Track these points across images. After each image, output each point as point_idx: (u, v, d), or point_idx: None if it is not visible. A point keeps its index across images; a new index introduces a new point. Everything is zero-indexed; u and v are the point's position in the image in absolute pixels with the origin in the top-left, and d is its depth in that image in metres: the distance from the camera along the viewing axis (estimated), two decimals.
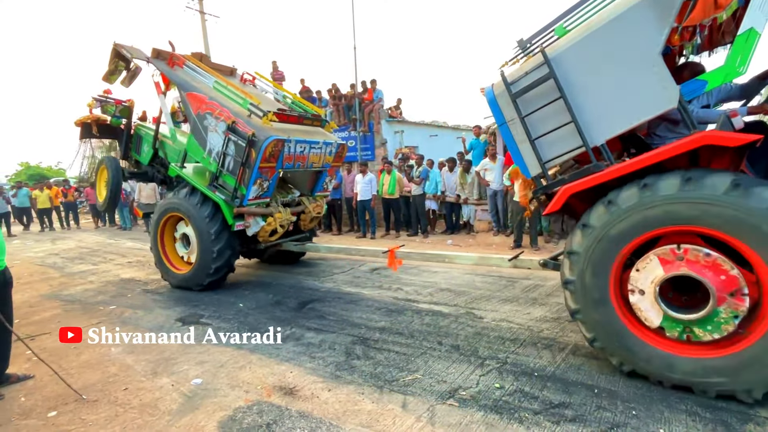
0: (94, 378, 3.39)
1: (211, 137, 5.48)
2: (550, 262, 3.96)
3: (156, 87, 6.11)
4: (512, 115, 3.21)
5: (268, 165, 5.26)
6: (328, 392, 3.01)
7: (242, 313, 4.85)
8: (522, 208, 7.40)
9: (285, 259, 7.43)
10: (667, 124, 3.14)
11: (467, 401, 2.80)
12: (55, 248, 10.92)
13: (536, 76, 3.04)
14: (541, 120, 3.10)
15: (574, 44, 2.93)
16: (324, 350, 3.73)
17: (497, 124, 3.36)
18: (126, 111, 7.14)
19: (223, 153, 5.34)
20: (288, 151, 5.51)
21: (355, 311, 4.74)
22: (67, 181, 21.75)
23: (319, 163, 6.27)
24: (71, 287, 6.49)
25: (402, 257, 5.20)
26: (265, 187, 5.52)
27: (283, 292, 5.68)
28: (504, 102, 3.24)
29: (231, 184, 5.35)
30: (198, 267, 5.67)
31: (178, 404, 2.94)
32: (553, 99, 2.99)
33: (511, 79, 3.17)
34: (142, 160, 7.09)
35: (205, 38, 17.05)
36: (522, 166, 3.34)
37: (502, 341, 3.73)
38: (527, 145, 3.19)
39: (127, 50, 6.00)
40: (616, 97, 2.86)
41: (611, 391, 2.83)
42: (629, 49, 2.74)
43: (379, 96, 12.56)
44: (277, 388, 3.09)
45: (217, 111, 5.39)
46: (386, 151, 12.35)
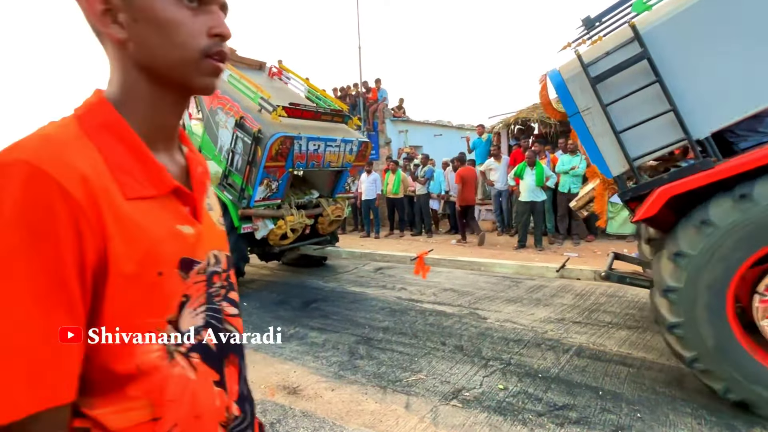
0: None
1: (221, 134, 5.30)
2: (614, 274, 3.45)
3: None
4: (589, 104, 2.73)
5: (275, 164, 5.00)
6: (331, 392, 3.01)
7: (246, 312, 4.86)
8: (527, 208, 7.42)
9: (306, 262, 6.99)
10: (750, 121, 2.65)
11: (471, 402, 2.80)
12: None
13: (622, 57, 2.55)
14: (625, 109, 2.63)
15: (675, 16, 2.45)
16: (328, 350, 3.74)
17: (568, 115, 2.89)
18: None
19: (231, 150, 5.13)
20: (299, 150, 5.14)
21: (359, 311, 4.74)
22: None
23: (337, 163, 5.81)
24: None
25: (432, 264, 4.78)
26: (274, 188, 5.22)
27: (287, 292, 5.69)
28: (577, 88, 2.74)
29: (238, 183, 5.11)
30: None
31: None
32: (646, 84, 2.52)
33: (589, 61, 2.66)
34: None
35: None
36: (600, 164, 2.85)
37: (506, 342, 3.72)
38: (608, 138, 2.72)
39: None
40: (731, 78, 2.41)
41: (616, 393, 2.82)
42: (757, 17, 2.29)
43: (383, 95, 12.57)
44: (280, 388, 3.10)
45: (227, 106, 5.21)
46: (390, 150, 12.36)
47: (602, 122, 2.69)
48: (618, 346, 3.54)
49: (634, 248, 6.93)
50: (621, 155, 2.69)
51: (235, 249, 5.31)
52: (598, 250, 7.02)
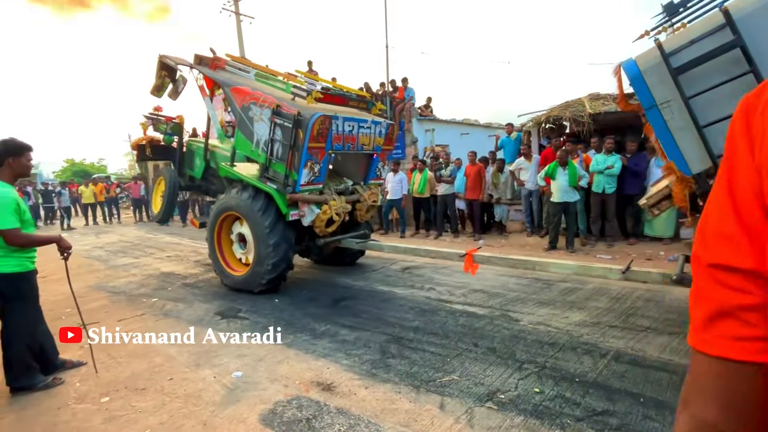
0: (142, 367, 3.54)
1: (257, 127, 5.40)
2: (688, 277, 3.19)
3: (201, 91, 6.29)
4: (668, 96, 2.54)
5: (317, 145, 5.10)
6: (365, 390, 3.03)
7: (278, 308, 4.95)
8: (560, 209, 7.25)
9: (338, 260, 7.08)
10: None
11: (506, 405, 2.76)
12: (99, 242, 11.46)
13: (710, 46, 2.34)
14: (710, 102, 2.42)
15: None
16: (359, 348, 3.77)
17: (644, 108, 2.72)
18: (177, 128, 7.34)
19: (270, 140, 5.23)
20: (336, 130, 5.29)
21: (389, 310, 4.76)
22: (109, 178, 22.82)
23: (369, 145, 6.00)
24: (116, 279, 6.80)
25: (482, 261, 4.67)
26: (317, 171, 5.32)
27: (317, 289, 5.76)
28: (655, 79, 2.56)
29: (281, 171, 5.19)
30: (255, 265, 5.45)
31: (220, 396, 3.04)
32: (737, 74, 2.31)
33: (671, 50, 2.46)
34: (196, 174, 7.18)
35: (240, 39, 17.45)
36: (678, 161, 2.66)
37: (540, 345, 3.66)
38: (689, 133, 2.53)
39: (171, 60, 6.22)
40: None
41: (658, 400, 2.73)
42: None
43: (410, 94, 12.53)
44: (314, 384, 3.14)
45: (261, 99, 5.33)
46: (417, 149, 12.32)
47: (683, 116, 2.53)
48: (658, 352, 3.43)
49: (671, 251, 6.70)
50: (703, 151, 2.51)
51: (283, 238, 5.39)
52: (632, 252, 6.81)
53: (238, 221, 5.88)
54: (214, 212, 6.00)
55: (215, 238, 6.04)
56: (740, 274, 0.49)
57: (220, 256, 6.04)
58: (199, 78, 6.23)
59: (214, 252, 6.06)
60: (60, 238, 3.29)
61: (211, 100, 6.30)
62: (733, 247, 0.50)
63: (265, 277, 5.36)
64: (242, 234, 5.82)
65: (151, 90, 6.71)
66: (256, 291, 5.48)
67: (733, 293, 0.49)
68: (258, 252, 5.41)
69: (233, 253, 6.07)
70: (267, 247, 5.29)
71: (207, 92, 6.23)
